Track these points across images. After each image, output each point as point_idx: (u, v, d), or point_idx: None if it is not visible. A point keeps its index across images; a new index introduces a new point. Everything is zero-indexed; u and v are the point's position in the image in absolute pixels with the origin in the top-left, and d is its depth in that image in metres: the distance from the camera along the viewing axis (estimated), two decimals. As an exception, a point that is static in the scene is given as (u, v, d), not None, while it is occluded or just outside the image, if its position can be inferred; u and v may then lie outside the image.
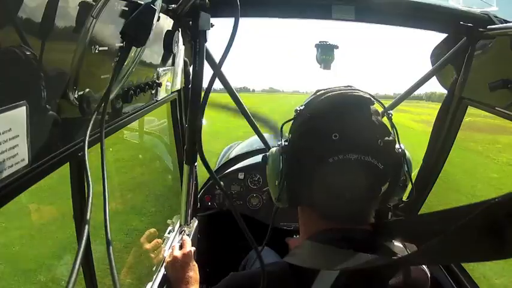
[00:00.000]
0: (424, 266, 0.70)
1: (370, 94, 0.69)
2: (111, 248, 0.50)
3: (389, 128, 0.67)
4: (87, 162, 0.55)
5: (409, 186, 0.73)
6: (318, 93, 0.71)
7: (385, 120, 0.69)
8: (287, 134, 0.74)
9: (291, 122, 0.73)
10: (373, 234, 0.66)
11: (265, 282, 0.62)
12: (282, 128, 0.74)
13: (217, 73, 0.73)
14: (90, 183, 0.53)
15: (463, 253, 0.39)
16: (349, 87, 0.70)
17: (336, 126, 0.63)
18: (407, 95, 1.45)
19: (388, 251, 0.64)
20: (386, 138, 0.64)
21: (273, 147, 0.74)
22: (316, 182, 0.64)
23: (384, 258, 0.59)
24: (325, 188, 0.64)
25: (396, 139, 0.67)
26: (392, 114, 0.71)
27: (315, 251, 0.66)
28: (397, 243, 0.66)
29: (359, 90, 0.70)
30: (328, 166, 0.61)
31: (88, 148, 0.70)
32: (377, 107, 0.69)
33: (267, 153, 0.74)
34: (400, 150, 0.67)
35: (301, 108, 0.71)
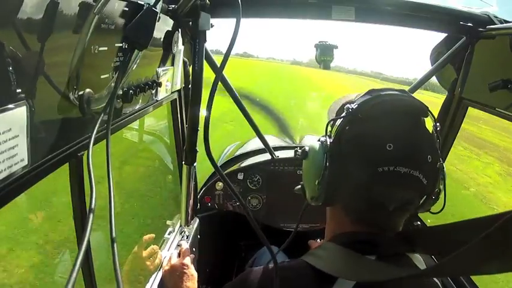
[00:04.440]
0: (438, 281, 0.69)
1: (424, 103, 0.66)
2: (115, 250, 0.50)
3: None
4: (90, 163, 0.55)
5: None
6: (372, 94, 0.67)
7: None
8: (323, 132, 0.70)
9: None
10: (398, 242, 0.64)
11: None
12: (327, 125, 0.70)
13: (219, 76, 0.73)
14: (93, 183, 0.53)
15: (486, 264, 0.38)
16: (405, 93, 0.68)
17: (391, 135, 0.60)
18: None
19: (409, 263, 0.64)
20: (435, 153, 0.63)
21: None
22: (359, 188, 0.63)
23: (406, 271, 0.58)
24: (368, 195, 0.62)
25: (439, 152, 0.65)
26: (439, 127, 0.68)
27: (337, 255, 0.65)
28: (420, 257, 0.66)
29: (414, 97, 0.67)
30: (377, 175, 0.59)
31: (87, 148, 0.70)
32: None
33: (305, 148, 0.71)
34: (439, 163, 0.65)
35: (353, 107, 0.66)
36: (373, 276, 0.58)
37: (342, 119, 0.67)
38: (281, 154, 1.83)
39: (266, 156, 1.87)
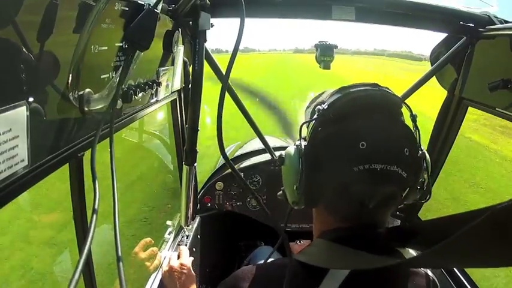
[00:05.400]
0: (429, 271, 0.69)
1: (397, 95, 0.66)
2: (119, 251, 0.49)
3: (413, 131, 0.65)
4: (94, 163, 0.55)
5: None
6: (341, 92, 0.66)
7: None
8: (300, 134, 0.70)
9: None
10: (387, 237, 0.64)
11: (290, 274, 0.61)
12: (301, 128, 0.69)
13: (226, 84, 0.73)
14: (97, 184, 0.53)
15: (473, 256, 0.38)
16: (377, 86, 0.67)
17: (363, 134, 0.60)
18: (406, 97, 1.45)
19: (398, 255, 0.63)
20: (412, 145, 0.62)
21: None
22: (338, 188, 0.63)
23: (392, 260, 0.58)
24: (347, 195, 0.62)
25: (419, 142, 0.65)
26: (417, 116, 0.68)
27: (326, 249, 0.65)
28: (411, 251, 0.65)
29: (386, 89, 0.66)
30: (353, 175, 0.59)
31: (87, 148, 0.70)
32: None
33: (282, 154, 0.71)
34: (420, 153, 0.65)
35: (324, 107, 0.65)
36: (363, 264, 0.58)
37: (314, 121, 0.66)
38: None
39: (266, 157, 1.87)
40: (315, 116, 0.66)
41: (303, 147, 0.67)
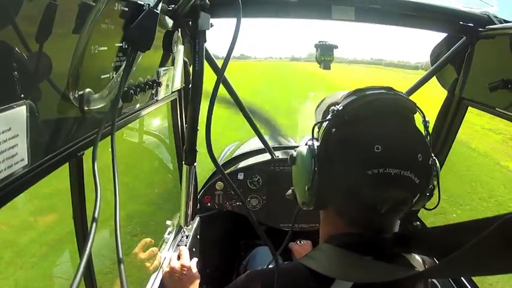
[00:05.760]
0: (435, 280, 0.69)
1: (411, 100, 0.66)
2: (120, 252, 0.50)
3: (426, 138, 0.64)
4: (95, 162, 0.55)
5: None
6: (357, 94, 0.66)
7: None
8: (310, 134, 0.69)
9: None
10: (394, 243, 0.64)
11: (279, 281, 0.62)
12: (313, 128, 0.69)
13: (220, 78, 0.74)
14: (98, 184, 0.53)
15: (483, 266, 0.37)
16: (391, 90, 0.66)
17: (378, 137, 0.59)
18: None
19: (407, 264, 0.63)
20: (425, 151, 0.62)
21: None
22: (350, 191, 0.62)
23: (403, 272, 0.58)
24: (359, 198, 0.61)
25: (430, 148, 0.64)
26: (429, 122, 0.67)
27: (334, 256, 0.65)
28: (417, 257, 0.65)
29: (401, 94, 0.66)
30: (366, 178, 0.58)
31: (87, 148, 0.70)
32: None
33: (294, 153, 0.70)
34: (431, 160, 0.64)
35: (338, 108, 0.64)
36: (370, 277, 0.58)
37: (327, 121, 0.66)
38: (281, 154, 1.83)
39: (266, 156, 1.87)
40: (329, 117, 0.65)
41: (315, 147, 0.66)
